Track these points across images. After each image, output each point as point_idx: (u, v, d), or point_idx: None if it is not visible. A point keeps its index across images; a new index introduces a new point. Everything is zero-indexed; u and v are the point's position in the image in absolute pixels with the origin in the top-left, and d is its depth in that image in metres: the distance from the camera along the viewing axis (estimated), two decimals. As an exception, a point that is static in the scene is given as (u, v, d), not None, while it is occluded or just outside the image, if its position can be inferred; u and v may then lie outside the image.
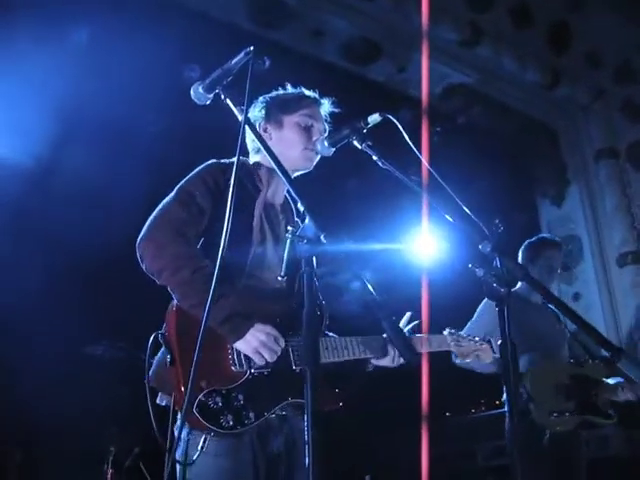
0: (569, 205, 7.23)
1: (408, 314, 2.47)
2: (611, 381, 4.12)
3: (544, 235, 4.66)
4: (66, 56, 4.36)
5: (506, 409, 4.03)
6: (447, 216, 1.94)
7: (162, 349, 2.16)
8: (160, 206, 2.33)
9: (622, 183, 6.85)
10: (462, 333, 2.74)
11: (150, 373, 2.19)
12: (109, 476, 4.27)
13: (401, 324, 2.50)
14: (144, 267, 2.25)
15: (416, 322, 2.51)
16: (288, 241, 2.06)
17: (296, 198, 1.71)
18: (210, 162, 2.45)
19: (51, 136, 4.49)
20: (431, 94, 6.60)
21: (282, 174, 1.80)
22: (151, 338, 2.16)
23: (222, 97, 2.01)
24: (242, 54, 1.94)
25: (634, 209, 6.75)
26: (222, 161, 2.45)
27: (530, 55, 6.63)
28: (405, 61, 6.25)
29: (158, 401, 2.20)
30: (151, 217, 2.30)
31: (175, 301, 2.21)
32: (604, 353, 1.61)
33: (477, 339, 2.75)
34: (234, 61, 1.96)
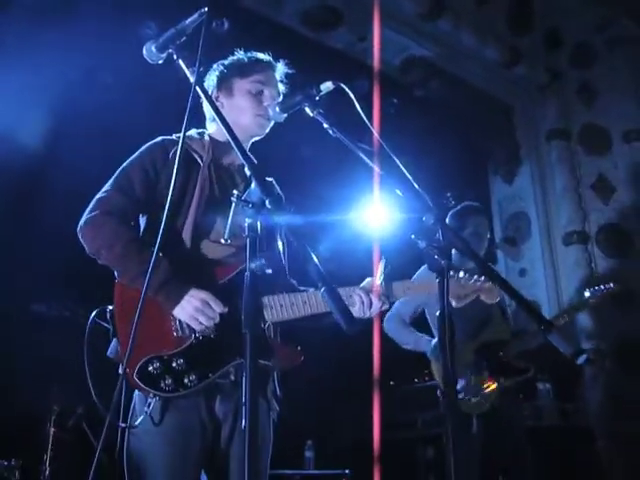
0: (520, 183, 7.35)
1: (383, 261, 2.46)
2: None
3: (467, 202, 4.51)
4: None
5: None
6: (396, 188, 1.96)
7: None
8: (101, 190, 2.36)
9: (572, 164, 6.98)
10: (461, 274, 2.50)
11: (110, 347, 2.23)
12: (51, 435, 4.25)
13: (378, 271, 2.48)
14: (86, 249, 2.31)
15: (388, 267, 2.46)
16: (232, 205, 2.07)
17: (244, 163, 1.71)
18: (153, 141, 2.46)
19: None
20: (390, 66, 6.61)
21: (231, 138, 1.79)
22: (94, 312, 2.20)
23: (174, 57, 1.98)
24: (196, 14, 1.91)
25: (582, 190, 6.89)
26: (169, 138, 2.45)
27: (490, 32, 6.68)
28: (366, 30, 6.21)
29: (119, 371, 2.22)
30: (92, 201, 2.34)
31: (117, 277, 2.26)
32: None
33: (481, 278, 2.48)
34: (188, 21, 1.94)
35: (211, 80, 2.55)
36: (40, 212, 4.61)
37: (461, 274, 2.52)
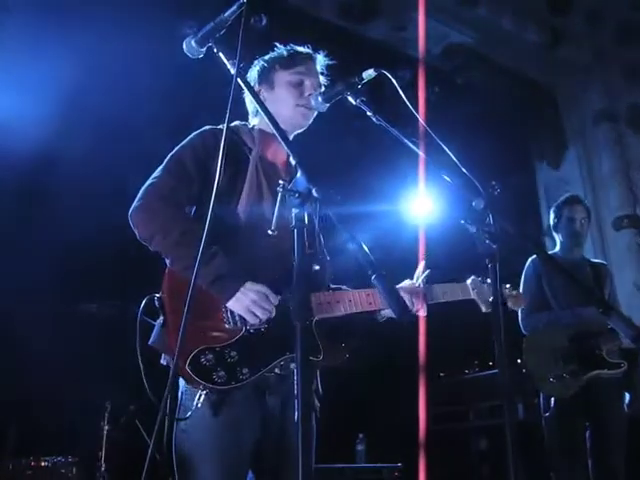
0: (566, 168, 7.20)
1: (423, 262, 2.44)
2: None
3: (567, 194, 4.67)
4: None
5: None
6: (443, 174, 1.93)
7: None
8: (152, 176, 2.35)
9: (620, 146, 6.81)
10: (489, 280, 2.60)
11: (153, 334, 2.22)
12: (105, 432, 4.32)
13: (417, 274, 2.49)
14: (137, 235, 2.28)
15: (429, 271, 2.48)
16: (279, 195, 2.05)
17: (288, 153, 1.69)
18: (202, 129, 2.45)
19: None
20: (431, 54, 6.54)
21: (276, 130, 1.77)
22: (144, 300, 2.19)
23: (215, 50, 1.97)
24: (235, 6, 1.90)
25: (632, 172, 6.72)
26: (216, 127, 2.44)
27: (529, 15, 6.54)
28: (405, 20, 6.16)
29: (162, 361, 2.24)
30: (143, 187, 2.32)
31: (168, 265, 2.24)
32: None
33: (507, 285, 2.63)
34: (227, 13, 1.93)
35: (252, 74, 2.54)
36: (79, 210, 4.65)
37: (489, 281, 2.52)
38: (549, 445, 4.02)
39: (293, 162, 2.56)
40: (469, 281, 2.63)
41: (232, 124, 2.49)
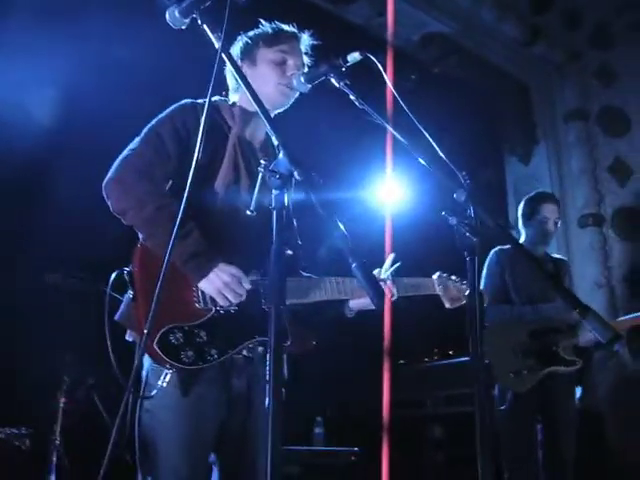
0: (536, 164, 7.26)
1: (391, 256, 2.44)
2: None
3: (540, 190, 4.78)
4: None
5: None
6: (422, 161, 1.91)
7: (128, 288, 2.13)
8: (128, 147, 2.29)
9: (590, 145, 6.89)
10: (454, 277, 2.62)
11: (120, 310, 2.17)
12: (61, 405, 4.24)
13: (384, 267, 2.49)
14: (110, 207, 2.23)
15: (398, 264, 2.48)
16: (259, 175, 2.01)
17: (271, 133, 1.65)
18: (182, 102, 2.39)
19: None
20: (409, 41, 6.53)
21: (259, 107, 1.73)
22: (113, 274, 2.14)
23: (199, 22, 1.92)
24: (224, -22, 1.85)
25: (599, 172, 6.81)
26: (196, 101, 2.38)
27: (510, 9, 6.56)
28: (385, 5, 6.12)
29: (127, 337, 2.20)
30: (119, 158, 2.26)
31: (140, 239, 2.19)
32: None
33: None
34: (214, -16, 1.87)
35: (235, 50, 2.48)
36: (52, 184, 4.58)
37: (453, 277, 2.61)
38: (503, 437, 4.09)
39: (273, 142, 2.53)
40: (435, 277, 2.64)
41: (212, 99, 2.43)
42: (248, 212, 2.12)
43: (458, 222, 1.69)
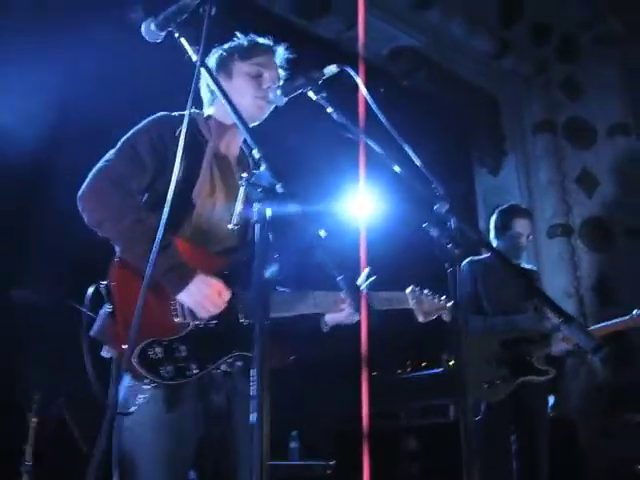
0: (505, 175, 7.35)
1: (366, 270, 2.44)
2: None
3: (513, 203, 4.74)
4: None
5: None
6: (401, 173, 1.91)
7: (105, 302, 2.09)
8: (103, 159, 2.25)
9: (557, 157, 7.00)
10: (426, 291, 2.65)
11: (95, 325, 2.13)
12: (33, 425, 4.15)
13: (359, 280, 2.49)
14: (85, 219, 2.19)
15: (373, 278, 2.48)
16: (241, 189, 2.00)
17: (252, 146, 1.64)
18: (158, 115, 2.37)
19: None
20: (378, 55, 6.57)
21: (239, 120, 1.72)
22: (91, 289, 2.10)
23: (176, 35, 1.91)
24: (201, -8, 1.84)
25: (567, 183, 6.91)
26: (172, 114, 2.37)
27: (479, 24, 6.64)
28: (354, 19, 6.15)
29: (103, 353, 2.15)
30: (93, 170, 2.22)
31: (117, 253, 2.16)
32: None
33: (443, 298, 2.67)
34: (190, -1, 1.86)
35: (210, 63, 2.46)
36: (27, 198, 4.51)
37: (426, 291, 2.65)
38: (478, 448, 4.10)
39: (247, 156, 2.53)
40: (408, 290, 2.66)
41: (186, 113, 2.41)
42: (230, 226, 2.10)
43: (439, 234, 1.70)
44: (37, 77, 4.21)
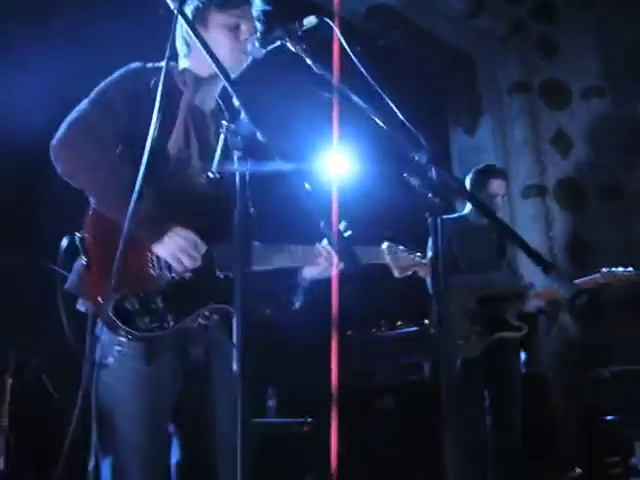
0: (481, 135, 7.35)
1: (343, 223, 2.44)
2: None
3: (490, 164, 4.80)
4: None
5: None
6: (380, 123, 1.90)
7: (80, 255, 2.07)
8: (76, 109, 2.21)
9: (533, 117, 7.01)
10: (402, 247, 2.67)
11: (70, 279, 2.10)
12: (9, 386, 4.13)
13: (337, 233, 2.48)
14: (59, 169, 2.16)
15: (349, 232, 2.48)
16: (221, 136, 1.98)
17: (232, 94, 1.62)
18: (132, 66, 2.32)
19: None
20: (355, 13, 6.50)
21: (219, 70, 1.69)
22: (64, 241, 2.08)
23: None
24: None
25: (541, 144, 6.94)
26: (145, 65, 2.33)
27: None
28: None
29: (78, 306, 2.13)
30: (67, 119, 2.19)
31: (92, 204, 2.13)
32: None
33: (418, 254, 2.70)
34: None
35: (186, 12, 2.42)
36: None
37: (401, 247, 2.67)
38: (452, 403, 4.16)
39: (222, 109, 2.51)
40: (384, 246, 2.67)
41: (162, 64, 2.36)
42: (211, 175, 2.08)
43: (420, 183, 1.69)
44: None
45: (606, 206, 6.69)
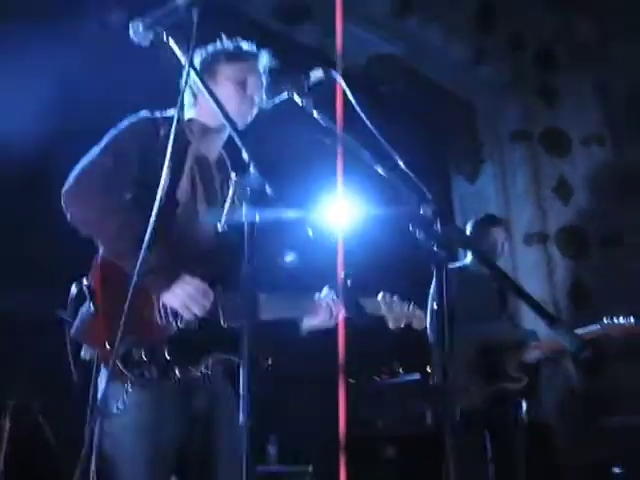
0: (482, 182, 7.40)
1: (343, 274, 2.46)
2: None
3: (489, 213, 4.92)
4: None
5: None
6: (386, 175, 1.93)
7: (87, 301, 2.08)
8: (87, 156, 2.24)
9: (534, 165, 7.08)
10: (396, 298, 2.70)
11: (75, 325, 2.11)
12: (6, 431, 4.09)
13: (341, 284, 2.51)
14: (69, 216, 2.18)
15: (349, 282, 2.50)
16: (231, 189, 2.01)
17: (242, 148, 1.65)
18: (140, 115, 2.37)
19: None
20: (356, 62, 6.60)
21: (228, 123, 1.73)
22: (74, 289, 2.09)
23: (164, 37, 1.90)
24: (189, -6, 1.84)
25: (543, 191, 6.99)
26: (155, 114, 2.37)
27: (456, 31, 6.70)
28: (333, 26, 6.18)
29: (82, 354, 2.13)
30: (78, 166, 2.21)
31: (101, 252, 2.15)
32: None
33: (411, 305, 2.73)
34: (181, 1, 1.86)
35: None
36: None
37: (395, 298, 2.70)
38: (452, 453, 4.12)
39: (226, 159, 2.55)
40: (379, 297, 2.68)
41: (170, 114, 2.40)
42: (220, 227, 2.11)
43: (426, 236, 1.71)
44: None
45: (607, 253, 6.71)
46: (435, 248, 1.68)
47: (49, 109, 4.26)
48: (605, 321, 4.22)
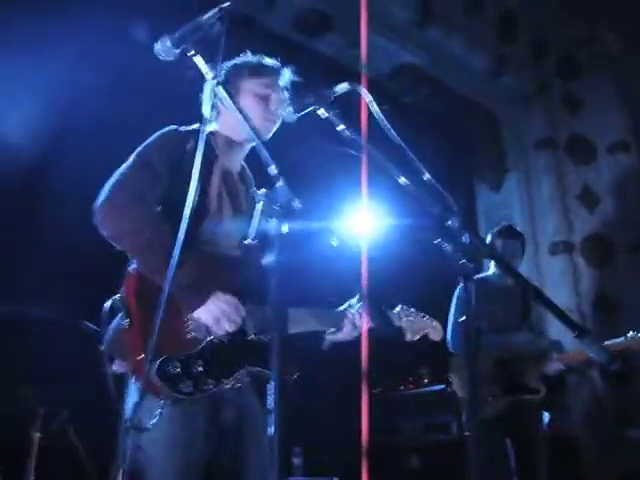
0: (506, 191, 7.38)
1: (364, 286, 2.47)
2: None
3: (505, 224, 4.78)
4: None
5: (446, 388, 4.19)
6: (411, 188, 1.93)
7: (119, 315, 2.10)
8: (118, 171, 2.26)
9: (559, 173, 7.03)
10: (413, 309, 2.72)
11: (106, 339, 2.13)
12: (36, 440, 4.13)
13: (359, 296, 2.52)
14: (103, 231, 2.19)
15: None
16: (260, 204, 2.02)
17: (269, 162, 1.66)
18: (168, 129, 2.39)
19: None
20: (380, 72, 6.61)
21: (256, 136, 1.75)
22: (108, 303, 2.11)
23: (191, 53, 1.93)
24: (217, 9, 1.87)
25: (568, 199, 6.94)
26: (180, 129, 2.39)
27: (478, 41, 6.70)
28: (356, 37, 6.19)
29: (115, 368, 2.16)
30: (109, 181, 2.23)
31: (134, 265, 2.17)
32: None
33: (427, 317, 2.74)
34: (207, 16, 1.89)
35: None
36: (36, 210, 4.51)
37: (412, 310, 2.73)
38: (472, 464, 4.09)
39: (248, 172, 2.57)
40: (397, 309, 2.70)
41: (195, 127, 2.42)
42: (250, 241, 2.13)
43: (453, 249, 1.71)
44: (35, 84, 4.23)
45: (634, 261, 6.64)
46: (462, 260, 1.68)
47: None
48: (631, 334, 4.18)
